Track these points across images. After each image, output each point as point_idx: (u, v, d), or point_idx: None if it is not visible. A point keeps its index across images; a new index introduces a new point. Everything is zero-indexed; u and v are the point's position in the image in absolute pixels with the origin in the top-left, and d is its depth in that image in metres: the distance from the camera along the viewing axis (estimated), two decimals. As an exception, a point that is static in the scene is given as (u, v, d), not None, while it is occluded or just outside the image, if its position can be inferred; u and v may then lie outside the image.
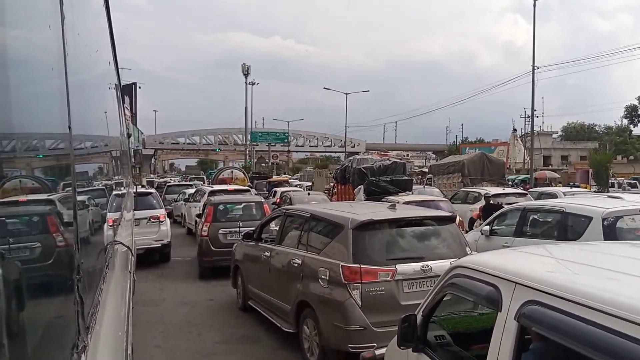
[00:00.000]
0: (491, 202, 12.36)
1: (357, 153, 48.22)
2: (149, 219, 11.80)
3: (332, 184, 23.87)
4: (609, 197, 11.40)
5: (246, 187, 19.45)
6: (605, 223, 6.60)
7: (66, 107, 1.39)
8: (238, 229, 10.23)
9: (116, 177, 5.40)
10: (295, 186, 28.87)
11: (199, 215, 12.51)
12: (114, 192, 4.67)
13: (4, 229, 0.68)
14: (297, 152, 79.19)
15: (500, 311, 2.31)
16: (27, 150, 1.05)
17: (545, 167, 51.08)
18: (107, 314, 2.15)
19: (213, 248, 10.43)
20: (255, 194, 17.99)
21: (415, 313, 3.12)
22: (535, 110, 33.62)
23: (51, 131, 1.33)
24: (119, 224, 4.22)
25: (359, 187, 16.57)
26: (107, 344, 1.96)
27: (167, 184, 29.51)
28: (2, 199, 0.65)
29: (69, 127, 1.43)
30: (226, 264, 9.07)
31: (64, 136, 1.43)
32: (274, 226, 7.84)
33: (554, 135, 70.58)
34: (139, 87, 47.15)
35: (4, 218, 0.72)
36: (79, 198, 1.74)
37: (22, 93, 0.75)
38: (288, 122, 62.45)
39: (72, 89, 1.45)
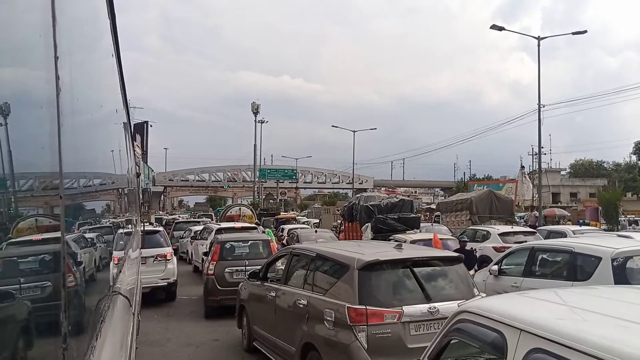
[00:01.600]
0: (466, 248, 11.20)
1: (364, 189, 48.29)
2: (156, 257, 11.79)
3: (339, 222, 23.79)
4: (619, 236, 11.26)
5: (253, 225, 19.27)
6: (615, 263, 6.51)
7: (79, 146, 1.40)
8: (244, 267, 10.13)
9: (123, 215, 5.43)
10: (303, 223, 28.83)
11: (205, 254, 12.45)
12: (120, 231, 4.69)
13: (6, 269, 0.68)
14: (305, 188, 79.32)
15: (506, 359, 2.27)
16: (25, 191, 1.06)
17: (554, 204, 50.63)
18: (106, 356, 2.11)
19: (219, 287, 10.33)
20: (262, 231, 17.96)
21: (421, 358, 3.07)
22: (542, 147, 33.64)
23: (64, 170, 1.32)
24: (123, 264, 4.22)
25: (366, 224, 16.51)
26: None
27: (175, 221, 29.53)
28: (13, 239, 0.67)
29: (62, 166, 1.38)
30: (232, 303, 9.00)
31: (78, 175, 1.44)
32: (280, 265, 7.80)
33: (563, 172, 70.39)
34: (151, 126, 48.00)
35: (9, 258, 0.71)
36: (87, 236, 1.74)
37: (28, 133, 0.77)
38: (296, 159, 62.98)
39: (80, 129, 1.47)
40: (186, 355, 7.78)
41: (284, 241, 17.77)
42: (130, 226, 6.37)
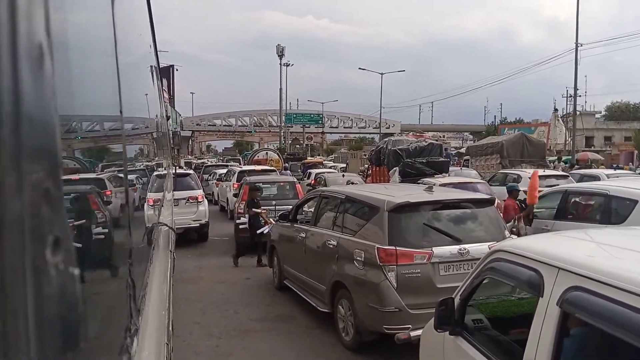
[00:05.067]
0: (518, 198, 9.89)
1: (392, 134, 47.73)
2: (188, 200, 12.07)
3: (366, 166, 23.74)
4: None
5: (272, 168, 20.21)
6: (652, 206, 6.36)
7: (117, 90, 1.42)
8: (273, 207, 10.48)
9: (157, 159, 5.52)
10: (330, 168, 28.91)
11: (235, 195, 12.94)
12: (155, 173, 4.78)
13: (61, 210, 0.68)
14: (331, 133, 78.96)
15: (542, 297, 2.27)
16: (80, 132, 1.07)
17: (587, 149, 49.26)
18: (153, 294, 2.22)
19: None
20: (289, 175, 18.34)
21: (453, 296, 3.10)
22: (578, 89, 32.41)
23: (104, 113, 1.36)
24: (162, 204, 4.33)
25: (394, 168, 16.38)
26: (154, 325, 2.02)
27: (205, 165, 30.06)
28: (64, 178, 0.67)
29: (120, 111, 1.46)
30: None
31: (116, 118, 1.46)
32: (309, 207, 7.89)
33: (597, 115, 67.87)
34: (177, 70, 47.81)
35: (64, 197, 0.72)
36: (129, 179, 1.79)
37: (76, 76, 0.76)
38: (322, 103, 62.25)
39: (121, 73, 1.47)
40: (219, 293, 8.09)
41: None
42: (163, 169, 6.50)
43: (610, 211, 7.05)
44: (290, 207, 10.94)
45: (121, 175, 1.71)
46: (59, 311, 0.59)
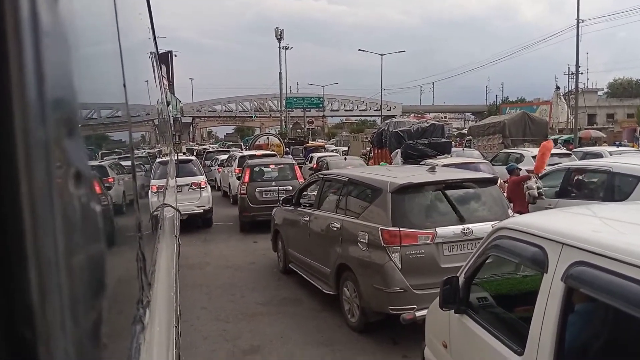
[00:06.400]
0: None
1: (393, 116, 47.51)
2: (191, 186, 12.11)
3: (368, 149, 23.69)
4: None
5: (273, 153, 20.84)
6: (656, 183, 6.35)
7: (120, 77, 1.42)
8: (275, 188, 11.82)
9: (159, 146, 5.53)
10: (332, 151, 28.85)
11: (239, 178, 13.53)
12: (157, 160, 4.79)
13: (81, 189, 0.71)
14: (332, 116, 78.65)
15: (547, 273, 2.28)
16: (88, 118, 1.08)
17: (590, 126, 49.07)
18: (161, 273, 2.25)
19: (251, 205, 11.81)
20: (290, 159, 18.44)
21: (457, 275, 3.12)
22: (579, 66, 32.14)
23: (107, 100, 1.36)
24: (166, 189, 4.34)
25: (396, 150, 16.35)
26: (163, 302, 2.05)
27: (206, 151, 30.06)
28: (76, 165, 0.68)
29: (125, 96, 1.46)
30: (262, 219, 10.51)
31: (120, 105, 1.46)
32: (311, 191, 7.91)
33: (600, 93, 67.36)
34: (175, 55, 47.49)
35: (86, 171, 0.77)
36: (135, 164, 1.81)
37: (78, 62, 0.76)
38: (323, 86, 61.91)
39: (123, 59, 1.47)
40: (225, 277, 8.15)
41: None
42: (165, 155, 6.51)
43: (613, 188, 7.05)
44: (290, 187, 11.45)
45: (128, 161, 1.73)
46: (80, 278, 0.63)
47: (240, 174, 13.26)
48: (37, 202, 0.48)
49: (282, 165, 13.18)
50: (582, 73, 39.36)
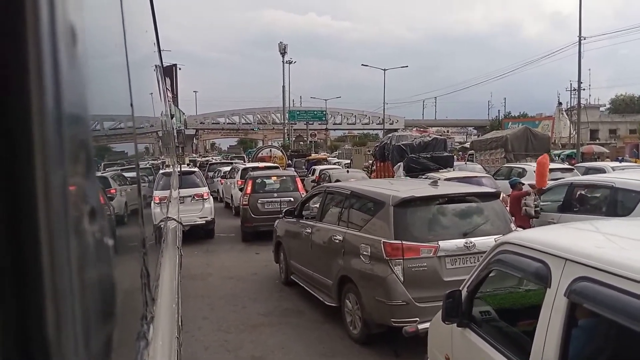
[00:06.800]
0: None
1: (395, 130, 47.64)
2: (193, 197, 12.14)
3: (370, 162, 23.73)
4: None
5: (275, 165, 21.04)
6: (658, 199, 6.35)
7: (127, 89, 1.44)
8: (278, 200, 12.09)
9: (162, 157, 5.56)
10: (334, 164, 28.92)
11: (241, 189, 13.75)
12: (161, 171, 4.82)
13: (87, 201, 0.72)
14: (335, 130, 78.86)
15: (550, 287, 2.29)
16: (93, 131, 1.10)
17: (592, 142, 49.04)
18: (164, 287, 2.26)
19: (253, 215, 12.02)
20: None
21: (460, 289, 3.13)
22: (582, 82, 32.26)
23: (114, 112, 1.39)
24: (169, 201, 4.36)
25: (399, 164, 16.39)
26: (166, 316, 2.06)
27: (209, 163, 30.17)
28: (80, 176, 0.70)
29: (132, 109, 1.49)
30: (264, 229, 10.74)
31: (126, 117, 1.49)
32: (314, 203, 7.92)
33: (602, 109, 67.48)
34: (179, 69, 47.86)
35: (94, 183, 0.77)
36: (140, 175, 1.83)
37: (86, 75, 0.79)
38: (325, 100, 62.18)
39: (130, 72, 1.50)
40: (227, 288, 8.14)
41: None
42: (169, 166, 6.53)
43: (616, 203, 7.05)
44: (291, 198, 11.54)
45: (133, 173, 1.75)
46: (85, 296, 0.63)
47: (242, 186, 13.41)
48: (48, 217, 0.49)
49: (283, 177, 13.43)
50: (584, 89, 39.51)
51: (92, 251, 0.69)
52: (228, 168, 21.04)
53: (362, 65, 50.57)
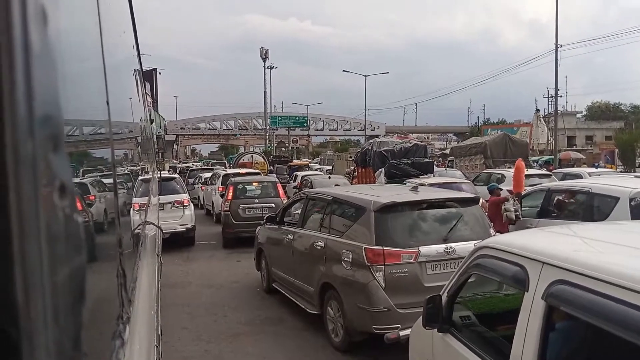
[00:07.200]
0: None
1: (377, 136, 47.89)
2: (173, 204, 12.00)
3: (352, 168, 23.81)
4: (636, 177, 11.15)
5: (257, 171, 21.27)
6: (633, 203, 6.49)
7: (104, 93, 1.42)
8: (259, 205, 12.17)
9: (141, 163, 5.48)
10: (316, 170, 28.94)
11: (222, 195, 13.86)
12: (140, 178, 4.74)
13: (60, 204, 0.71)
14: (316, 135, 79.06)
15: (527, 291, 2.31)
16: (67, 136, 1.08)
17: (569, 148, 50.01)
18: (142, 291, 2.22)
19: (234, 221, 12.07)
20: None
21: (440, 294, 3.13)
22: (559, 89, 32.92)
23: (90, 117, 1.36)
24: (148, 207, 4.30)
25: (380, 170, 16.48)
26: (144, 320, 2.03)
27: (190, 169, 29.92)
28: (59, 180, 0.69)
29: (108, 114, 1.46)
30: (245, 235, 10.86)
31: (102, 122, 1.46)
32: (295, 210, 7.90)
33: (578, 115, 68.93)
34: (159, 73, 47.40)
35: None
36: (118, 181, 1.81)
37: (62, 78, 0.77)
38: (307, 105, 62.25)
39: (107, 75, 1.47)
40: (207, 297, 8.05)
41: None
42: (148, 173, 6.45)
43: (592, 208, 7.18)
44: (272, 204, 11.53)
45: (110, 179, 1.73)
46: (59, 293, 0.63)
47: (224, 192, 13.37)
48: (20, 218, 0.49)
49: (265, 183, 13.51)
50: (561, 96, 40.43)
51: (64, 251, 0.68)
52: (209, 174, 20.86)
53: (343, 71, 50.95)
